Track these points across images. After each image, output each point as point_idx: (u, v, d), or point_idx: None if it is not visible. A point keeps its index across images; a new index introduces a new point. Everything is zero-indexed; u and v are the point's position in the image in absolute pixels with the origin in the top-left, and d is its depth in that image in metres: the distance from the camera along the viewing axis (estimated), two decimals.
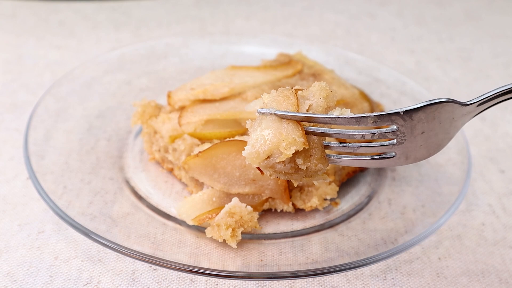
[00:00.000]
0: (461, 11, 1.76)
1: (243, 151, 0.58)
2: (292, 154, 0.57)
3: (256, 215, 0.78)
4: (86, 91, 1.08)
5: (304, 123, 0.59)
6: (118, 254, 0.73)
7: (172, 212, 0.83)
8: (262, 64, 1.02)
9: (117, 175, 0.90)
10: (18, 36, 1.45)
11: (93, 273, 0.74)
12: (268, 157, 0.58)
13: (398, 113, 0.56)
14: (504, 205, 0.91)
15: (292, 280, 0.73)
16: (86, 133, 0.98)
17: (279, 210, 0.84)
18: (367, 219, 0.83)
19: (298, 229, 0.82)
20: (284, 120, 0.58)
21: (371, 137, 0.58)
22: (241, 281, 0.73)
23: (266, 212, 0.84)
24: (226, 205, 0.76)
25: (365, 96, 0.97)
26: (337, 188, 0.83)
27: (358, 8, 1.75)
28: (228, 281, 0.73)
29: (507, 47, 1.53)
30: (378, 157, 0.61)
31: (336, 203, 0.86)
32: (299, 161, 0.58)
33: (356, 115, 0.57)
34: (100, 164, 0.91)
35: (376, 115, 0.56)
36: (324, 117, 0.57)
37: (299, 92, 0.62)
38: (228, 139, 0.84)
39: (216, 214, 0.76)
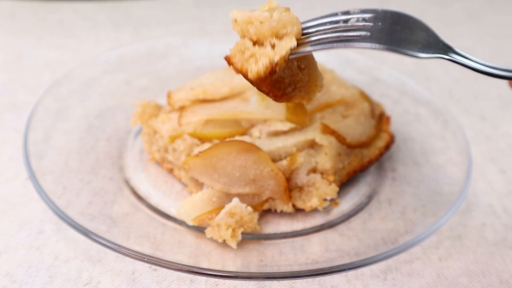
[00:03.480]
0: (461, 11, 1.76)
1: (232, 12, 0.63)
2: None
3: (256, 215, 0.77)
4: (85, 91, 1.08)
5: None
6: (118, 254, 0.73)
7: (172, 212, 0.83)
8: None
9: (117, 175, 0.90)
10: (17, 35, 1.45)
11: (93, 273, 0.73)
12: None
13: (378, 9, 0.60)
14: (505, 205, 0.91)
15: (292, 281, 0.73)
16: (85, 133, 0.98)
17: (279, 211, 0.84)
18: (367, 219, 0.83)
19: (298, 229, 0.82)
20: None
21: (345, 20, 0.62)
22: (241, 281, 0.73)
23: (266, 213, 0.84)
24: (226, 205, 0.76)
25: (365, 96, 0.97)
26: (337, 188, 0.83)
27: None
28: (228, 281, 0.73)
29: (508, 47, 1.53)
30: (350, 35, 0.60)
31: (336, 203, 0.86)
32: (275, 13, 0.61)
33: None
34: (100, 164, 0.91)
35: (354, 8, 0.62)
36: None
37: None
38: (228, 139, 0.83)
39: (216, 214, 0.76)
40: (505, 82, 1.33)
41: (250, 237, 0.79)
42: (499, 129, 1.13)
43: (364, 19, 0.60)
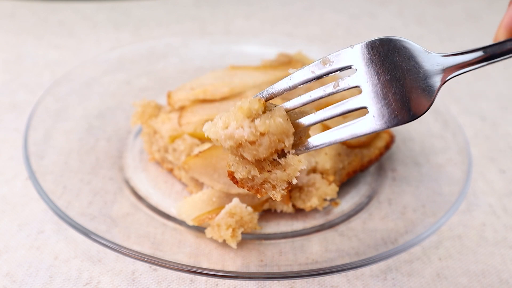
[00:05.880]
0: (461, 10, 1.76)
1: (203, 127, 0.56)
2: (252, 118, 0.54)
3: (256, 215, 0.77)
4: (85, 91, 1.08)
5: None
6: (118, 254, 0.73)
7: (172, 212, 0.83)
8: (262, 64, 1.02)
9: (117, 175, 0.90)
10: (18, 35, 1.45)
11: (93, 273, 0.73)
12: (227, 127, 0.55)
13: (349, 48, 0.54)
14: (505, 205, 0.91)
15: (292, 280, 0.73)
16: (85, 133, 0.98)
17: (279, 211, 0.84)
18: (367, 219, 0.83)
19: (298, 229, 0.82)
20: None
21: (333, 88, 0.55)
22: (241, 281, 0.73)
23: (266, 212, 0.84)
24: (227, 206, 0.76)
25: None
26: (337, 188, 0.83)
27: (358, 8, 1.75)
28: (228, 281, 0.73)
29: None
30: (353, 122, 0.55)
31: (336, 203, 0.86)
32: (257, 121, 0.54)
33: (307, 65, 0.55)
34: (100, 164, 0.91)
35: (327, 57, 0.55)
36: (281, 83, 0.56)
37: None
38: None
39: (216, 214, 0.76)
40: (504, 81, 1.33)
41: (250, 237, 0.79)
42: (499, 129, 1.13)
43: (349, 84, 0.55)
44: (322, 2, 1.78)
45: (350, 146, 0.88)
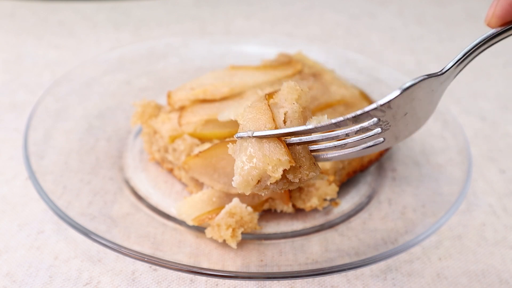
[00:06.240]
0: (461, 10, 1.76)
1: (232, 182, 0.58)
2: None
3: (256, 215, 0.77)
4: (85, 91, 1.08)
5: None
6: (118, 254, 0.73)
7: (172, 212, 0.83)
8: (262, 64, 1.02)
9: (117, 175, 0.90)
10: (18, 35, 1.45)
11: (93, 273, 0.73)
12: (259, 181, 0.57)
13: (375, 108, 0.54)
14: (505, 205, 0.91)
15: (292, 280, 0.73)
16: (85, 133, 0.98)
17: (279, 211, 0.84)
18: (367, 219, 0.83)
19: (298, 229, 0.82)
20: (265, 140, 0.57)
21: (355, 133, 0.57)
22: (241, 281, 0.73)
23: (266, 212, 0.84)
24: (227, 206, 0.76)
25: (365, 96, 0.97)
26: (337, 188, 0.83)
27: (358, 8, 1.75)
28: (228, 281, 0.73)
29: (507, 46, 1.53)
30: (368, 145, 0.59)
31: (336, 203, 0.86)
32: (290, 177, 0.57)
33: (333, 120, 0.55)
34: (100, 164, 0.91)
35: (354, 116, 0.54)
36: (303, 130, 0.56)
37: (271, 101, 0.60)
38: (228, 139, 0.83)
39: (216, 214, 0.76)
40: (504, 81, 1.33)
41: (250, 237, 0.79)
42: (499, 129, 1.13)
43: (372, 131, 0.57)
44: (322, 2, 1.78)
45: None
